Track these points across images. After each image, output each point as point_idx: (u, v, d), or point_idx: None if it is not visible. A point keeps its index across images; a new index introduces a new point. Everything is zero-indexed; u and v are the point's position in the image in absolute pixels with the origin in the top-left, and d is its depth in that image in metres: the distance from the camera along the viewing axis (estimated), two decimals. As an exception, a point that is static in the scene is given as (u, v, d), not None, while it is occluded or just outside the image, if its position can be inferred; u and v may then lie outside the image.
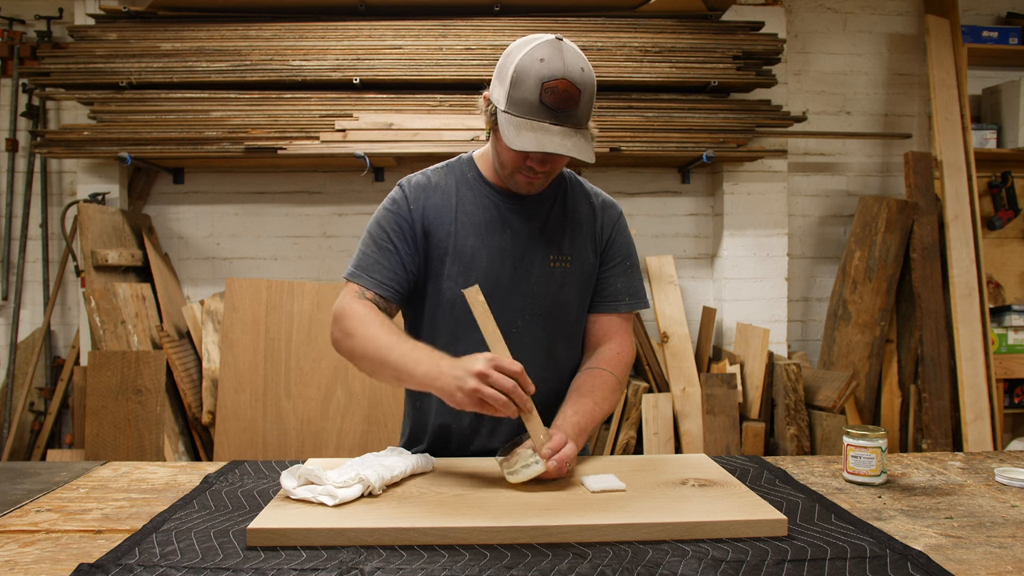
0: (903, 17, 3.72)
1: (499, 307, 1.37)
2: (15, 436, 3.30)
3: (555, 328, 1.49)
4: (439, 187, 1.48)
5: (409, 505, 1.15)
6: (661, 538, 1.06)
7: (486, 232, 1.45)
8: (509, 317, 1.43)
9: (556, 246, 1.48)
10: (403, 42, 3.15)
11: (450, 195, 1.47)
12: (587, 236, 1.52)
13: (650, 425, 3.11)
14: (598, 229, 1.53)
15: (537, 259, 1.46)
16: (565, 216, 1.51)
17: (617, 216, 1.56)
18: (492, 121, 1.38)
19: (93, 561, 0.98)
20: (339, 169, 3.46)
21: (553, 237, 1.48)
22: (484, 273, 1.43)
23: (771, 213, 3.51)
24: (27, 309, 3.50)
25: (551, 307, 1.47)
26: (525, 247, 1.46)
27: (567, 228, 1.50)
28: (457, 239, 1.44)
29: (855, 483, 1.37)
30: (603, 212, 1.55)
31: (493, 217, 1.46)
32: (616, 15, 3.26)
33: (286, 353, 3.02)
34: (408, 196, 1.46)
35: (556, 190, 1.52)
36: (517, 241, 1.46)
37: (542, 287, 1.46)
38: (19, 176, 3.49)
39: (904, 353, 3.42)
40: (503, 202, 1.47)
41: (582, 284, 1.51)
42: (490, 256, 1.44)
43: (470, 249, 1.44)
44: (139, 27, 3.15)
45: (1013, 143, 3.52)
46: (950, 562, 1.00)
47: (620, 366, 1.51)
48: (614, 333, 1.54)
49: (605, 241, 1.54)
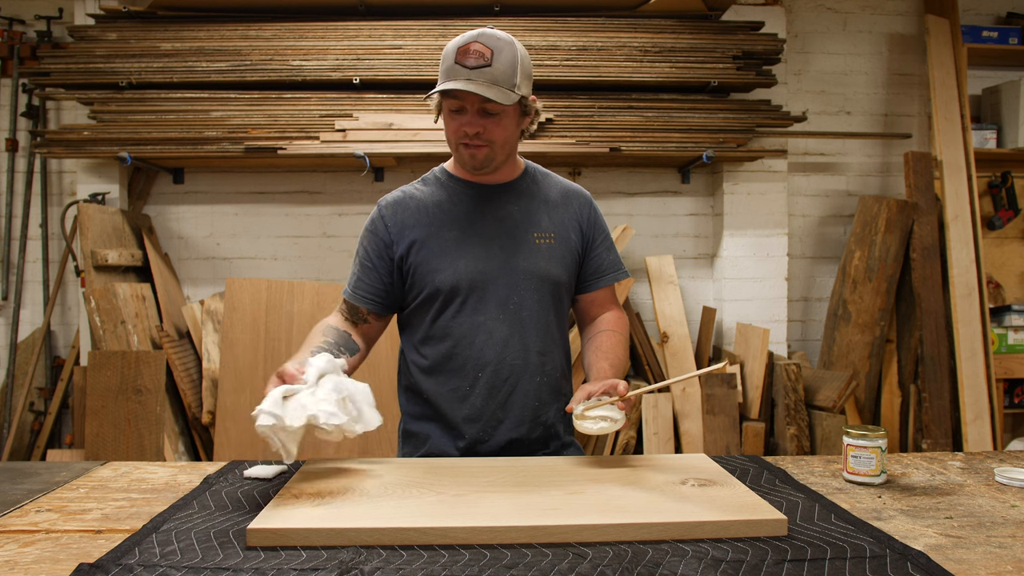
0: (903, 17, 3.72)
1: (494, 286, 1.52)
2: (15, 436, 3.30)
3: (547, 301, 1.58)
4: (413, 198, 1.59)
5: (409, 505, 1.15)
6: (661, 538, 1.06)
7: (467, 222, 1.56)
8: (504, 294, 1.53)
9: (537, 224, 1.58)
10: (403, 42, 3.15)
11: (425, 201, 1.58)
12: (566, 217, 1.62)
13: (650, 425, 3.11)
14: (577, 212, 1.64)
15: (522, 238, 1.56)
16: (538, 198, 1.61)
17: (588, 198, 1.69)
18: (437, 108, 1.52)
19: (93, 561, 0.98)
20: (339, 169, 3.46)
21: (532, 217, 1.59)
22: (474, 258, 1.53)
23: (771, 213, 3.51)
24: (27, 309, 3.50)
25: (541, 281, 1.57)
26: (508, 229, 1.57)
27: (544, 208, 1.61)
28: (440, 236, 1.54)
29: (855, 483, 1.37)
30: (576, 197, 1.66)
31: (471, 208, 1.57)
32: (616, 15, 3.26)
33: (286, 353, 3.02)
34: (384, 215, 1.59)
35: (523, 178, 1.63)
36: (499, 225, 1.56)
37: (531, 263, 1.56)
38: (19, 176, 3.49)
39: (904, 353, 3.42)
40: (478, 193, 1.58)
41: (567, 259, 1.60)
42: (474, 242, 1.54)
43: (454, 240, 1.54)
44: (139, 27, 3.15)
45: (1013, 143, 3.52)
46: (950, 562, 1.00)
47: (623, 326, 1.67)
48: (608, 303, 1.69)
49: (587, 222, 1.65)
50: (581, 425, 1.39)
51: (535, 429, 1.56)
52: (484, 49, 1.41)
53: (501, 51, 1.42)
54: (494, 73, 1.41)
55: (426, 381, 1.57)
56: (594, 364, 1.56)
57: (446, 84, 1.42)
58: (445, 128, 1.52)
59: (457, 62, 1.41)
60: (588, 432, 1.37)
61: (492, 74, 1.41)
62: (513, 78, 1.43)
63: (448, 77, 1.42)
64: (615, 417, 1.37)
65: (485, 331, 1.52)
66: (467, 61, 1.41)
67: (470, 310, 1.52)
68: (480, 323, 1.52)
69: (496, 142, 1.49)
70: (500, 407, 1.53)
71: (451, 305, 1.53)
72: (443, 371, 1.55)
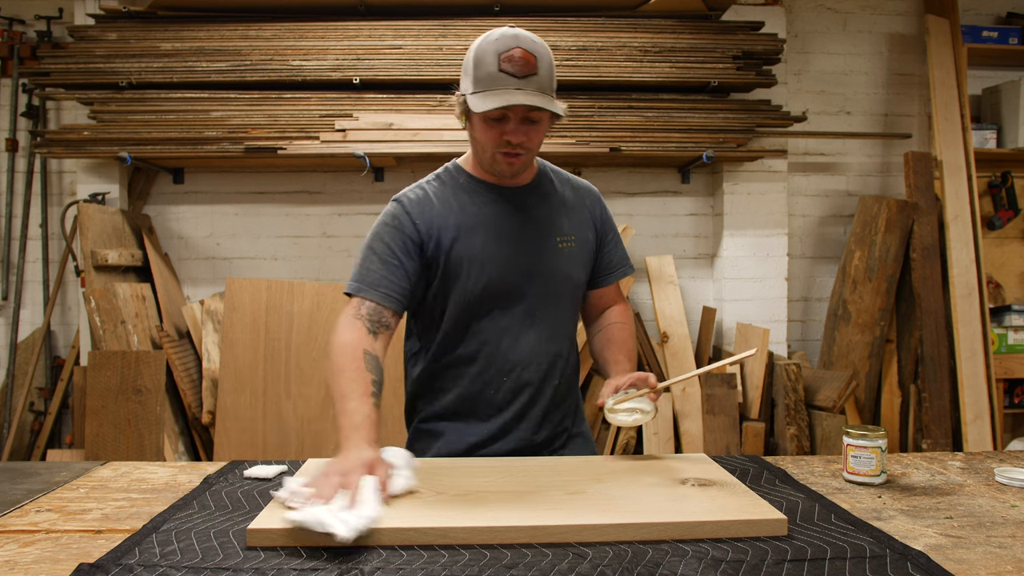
0: (903, 17, 3.72)
1: (522, 291, 1.50)
2: (15, 436, 3.30)
3: (569, 304, 1.59)
4: (437, 197, 1.52)
5: (409, 505, 1.15)
6: (661, 538, 1.06)
7: (494, 225, 1.50)
8: (531, 299, 1.51)
9: (559, 228, 1.55)
10: (403, 42, 3.15)
11: (449, 202, 1.51)
12: (582, 217, 1.60)
13: (650, 425, 3.11)
14: (590, 210, 1.63)
15: (545, 243, 1.53)
16: (556, 200, 1.58)
17: (598, 195, 1.68)
18: (464, 110, 1.44)
19: (93, 561, 0.98)
20: (339, 169, 3.46)
21: (554, 220, 1.56)
22: (503, 262, 1.49)
23: (771, 213, 3.51)
24: (27, 309, 3.50)
25: (565, 285, 1.56)
26: (533, 233, 1.53)
27: (562, 210, 1.58)
28: (467, 241, 1.48)
29: (855, 483, 1.37)
30: (587, 194, 1.65)
31: (495, 212, 1.52)
32: (616, 15, 3.25)
33: (286, 353, 3.02)
34: (410, 212, 1.49)
35: (541, 178, 1.59)
36: (524, 230, 1.52)
37: (556, 268, 1.54)
38: (19, 176, 3.49)
39: (904, 353, 3.42)
40: (500, 196, 1.53)
41: (585, 261, 1.60)
42: (502, 247, 1.50)
43: (480, 246, 1.48)
44: (139, 27, 3.15)
45: (1013, 143, 3.52)
46: (950, 562, 1.00)
47: (630, 318, 1.70)
48: (615, 297, 1.71)
49: (599, 220, 1.64)
50: (615, 418, 1.42)
51: (548, 430, 1.56)
52: (529, 56, 1.37)
53: (542, 56, 1.39)
54: (540, 81, 1.38)
55: (446, 382, 1.54)
56: (610, 358, 1.58)
57: (503, 97, 1.35)
58: (479, 134, 1.45)
59: (502, 70, 1.36)
60: (623, 424, 1.42)
61: (539, 82, 1.38)
62: (553, 83, 1.41)
63: (493, 85, 1.37)
64: (646, 409, 1.42)
65: (511, 336, 1.51)
66: (515, 69, 1.36)
67: (498, 314, 1.50)
68: (506, 328, 1.51)
69: (533, 149, 1.47)
70: (520, 410, 1.53)
71: (479, 308, 1.50)
72: (466, 373, 1.52)
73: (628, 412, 1.42)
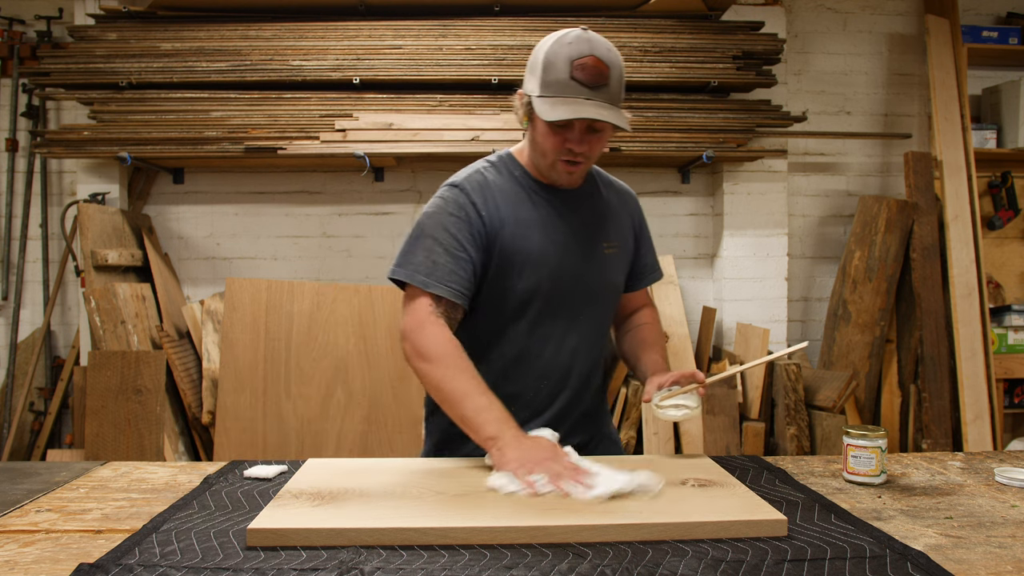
0: (903, 17, 3.72)
1: (569, 296, 1.48)
2: (15, 436, 3.30)
3: (609, 310, 1.60)
4: (496, 186, 1.47)
5: (409, 505, 1.15)
6: (661, 538, 1.06)
7: (549, 227, 1.47)
8: (576, 306, 1.50)
9: (605, 234, 1.54)
10: (403, 42, 3.15)
11: (508, 193, 1.47)
12: (624, 223, 1.60)
13: (650, 425, 3.11)
14: (631, 215, 1.62)
15: (594, 249, 1.52)
16: (602, 205, 1.57)
17: (636, 198, 1.68)
18: (528, 112, 1.40)
19: (93, 561, 0.98)
20: (339, 169, 3.46)
21: (601, 226, 1.54)
22: (554, 268, 1.46)
23: (771, 213, 3.51)
24: (27, 309, 3.50)
25: (605, 291, 1.56)
26: (583, 238, 1.51)
27: (608, 216, 1.57)
28: (523, 239, 1.45)
29: (855, 483, 1.37)
30: (628, 198, 1.65)
31: (549, 212, 1.49)
32: (616, 15, 3.25)
33: (286, 353, 3.02)
34: (474, 200, 1.43)
35: (589, 182, 1.57)
36: (575, 234, 1.50)
37: (603, 274, 1.54)
38: (19, 176, 3.49)
39: (904, 353, 3.42)
40: (553, 197, 1.50)
41: (625, 266, 1.61)
42: (556, 251, 1.47)
43: (537, 245, 1.45)
44: (139, 27, 3.15)
45: (1013, 143, 3.52)
46: (950, 562, 1.00)
47: (658, 319, 1.73)
48: (645, 299, 1.73)
49: (638, 226, 1.64)
50: (664, 414, 1.45)
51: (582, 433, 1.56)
52: (603, 67, 1.33)
53: (614, 66, 1.35)
54: (610, 92, 1.35)
55: None
56: (644, 356, 1.59)
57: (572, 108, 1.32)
58: (542, 139, 1.40)
59: (574, 78, 1.33)
60: (671, 419, 1.44)
61: (609, 93, 1.35)
62: (622, 93, 1.39)
63: (562, 92, 1.33)
64: (692, 404, 1.44)
65: (555, 341, 1.48)
66: (587, 79, 1.33)
67: (541, 317, 1.47)
68: (550, 334, 1.48)
69: (593, 157, 1.44)
70: (558, 413, 1.51)
71: (526, 311, 1.46)
72: (505, 376, 1.47)
73: (676, 408, 1.45)
